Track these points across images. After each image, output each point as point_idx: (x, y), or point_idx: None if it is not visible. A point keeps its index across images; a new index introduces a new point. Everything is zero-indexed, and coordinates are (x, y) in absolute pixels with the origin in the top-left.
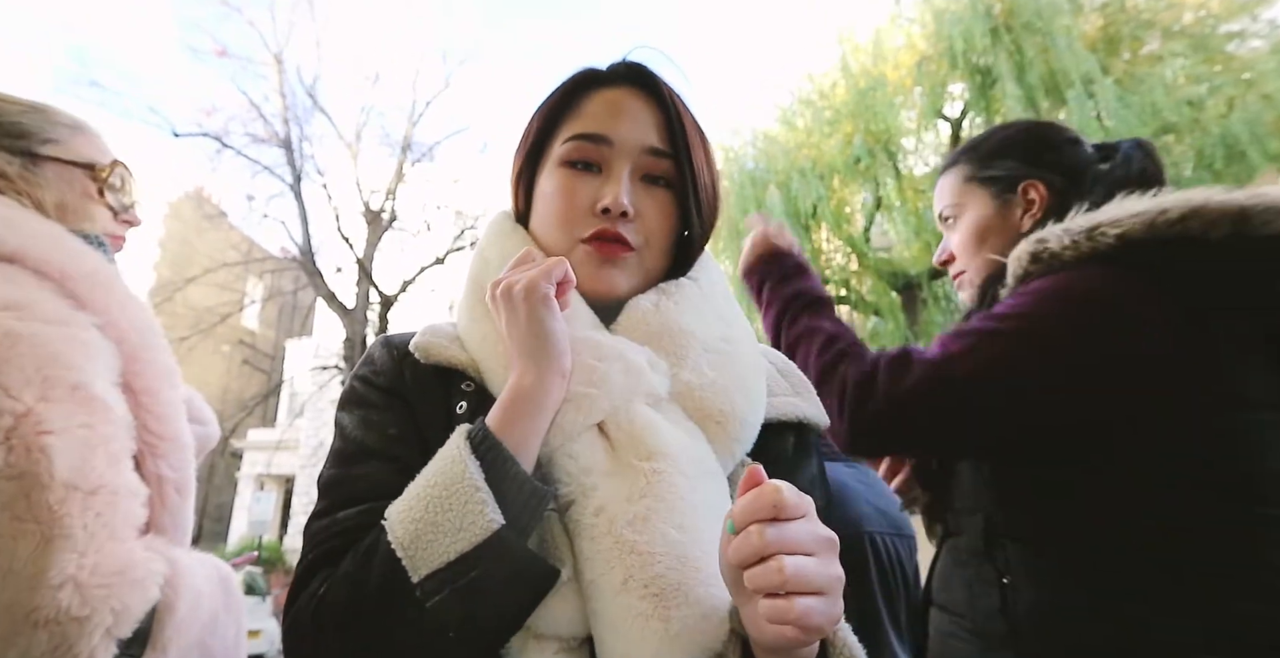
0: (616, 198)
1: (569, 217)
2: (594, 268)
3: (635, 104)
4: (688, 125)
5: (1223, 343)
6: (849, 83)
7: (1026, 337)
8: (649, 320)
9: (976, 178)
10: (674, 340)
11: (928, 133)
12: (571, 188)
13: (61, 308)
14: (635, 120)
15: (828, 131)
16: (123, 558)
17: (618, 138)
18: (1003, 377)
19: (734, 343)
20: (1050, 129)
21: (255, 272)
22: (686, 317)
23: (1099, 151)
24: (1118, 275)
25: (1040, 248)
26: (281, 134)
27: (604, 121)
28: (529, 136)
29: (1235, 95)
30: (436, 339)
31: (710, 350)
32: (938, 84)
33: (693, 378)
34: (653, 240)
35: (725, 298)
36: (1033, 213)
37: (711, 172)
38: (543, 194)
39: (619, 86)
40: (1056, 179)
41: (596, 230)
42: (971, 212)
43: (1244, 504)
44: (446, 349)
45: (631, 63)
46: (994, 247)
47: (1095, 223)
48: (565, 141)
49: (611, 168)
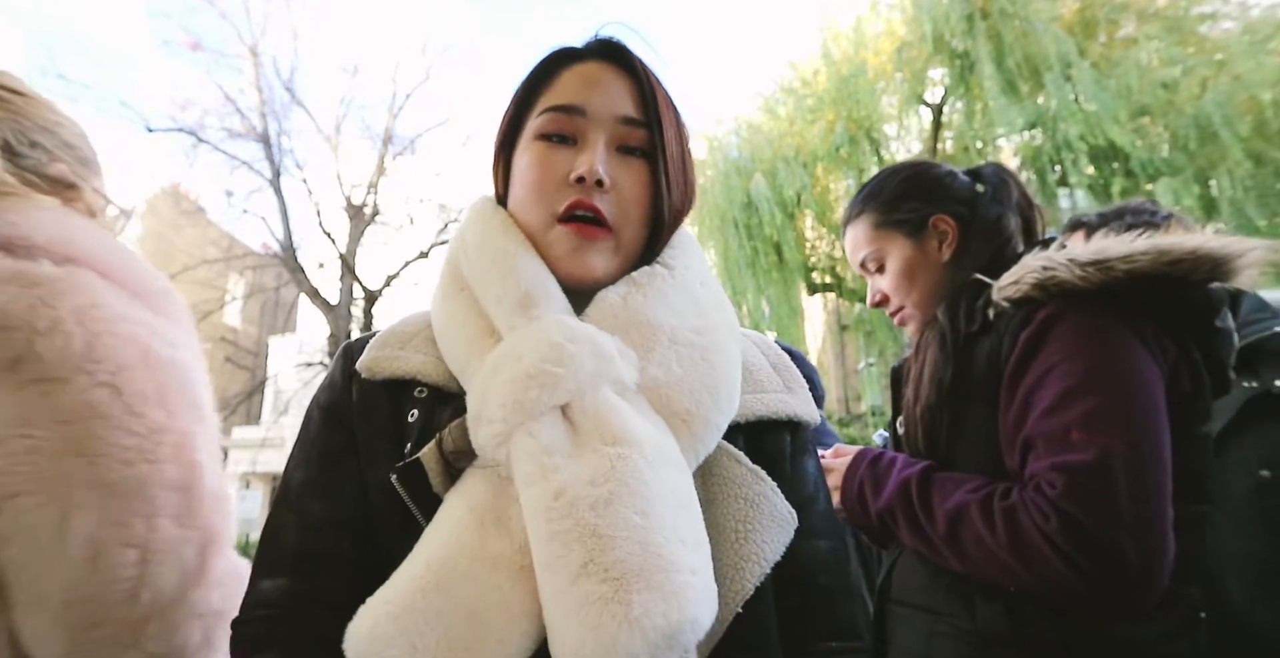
0: (591, 167)
1: (544, 188)
2: (571, 249)
3: (608, 76)
4: (659, 96)
5: (1187, 365)
6: (830, 70)
7: (1123, 407)
8: (617, 313)
9: (887, 223)
10: (641, 333)
11: (909, 119)
12: (547, 160)
13: (181, 334)
14: (609, 91)
15: (810, 119)
16: (234, 559)
17: (591, 108)
18: (1149, 450)
19: (708, 334)
20: (932, 168)
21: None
22: (656, 309)
23: (970, 178)
24: (1132, 314)
25: (1048, 277)
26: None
27: (578, 92)
28: (507, 116)
29: (1208, 76)
30: (384, 351)
31: (680, 343)
32: (918, 70)
33: (659, 373)
34: (630, 212)
35: (703, 284)
36: (949, 242)
37: (683, 143)
38: (519, 169)
39: (592, 61)
40: (957, 209)
41: (572, 202)
42: (894, 255)
43: (1191, 503)
44: (393, 361)
45: (604, 38)
46: (924, 281)
47: (1104, 257)
48: (539, 114)
49: (586, 138)
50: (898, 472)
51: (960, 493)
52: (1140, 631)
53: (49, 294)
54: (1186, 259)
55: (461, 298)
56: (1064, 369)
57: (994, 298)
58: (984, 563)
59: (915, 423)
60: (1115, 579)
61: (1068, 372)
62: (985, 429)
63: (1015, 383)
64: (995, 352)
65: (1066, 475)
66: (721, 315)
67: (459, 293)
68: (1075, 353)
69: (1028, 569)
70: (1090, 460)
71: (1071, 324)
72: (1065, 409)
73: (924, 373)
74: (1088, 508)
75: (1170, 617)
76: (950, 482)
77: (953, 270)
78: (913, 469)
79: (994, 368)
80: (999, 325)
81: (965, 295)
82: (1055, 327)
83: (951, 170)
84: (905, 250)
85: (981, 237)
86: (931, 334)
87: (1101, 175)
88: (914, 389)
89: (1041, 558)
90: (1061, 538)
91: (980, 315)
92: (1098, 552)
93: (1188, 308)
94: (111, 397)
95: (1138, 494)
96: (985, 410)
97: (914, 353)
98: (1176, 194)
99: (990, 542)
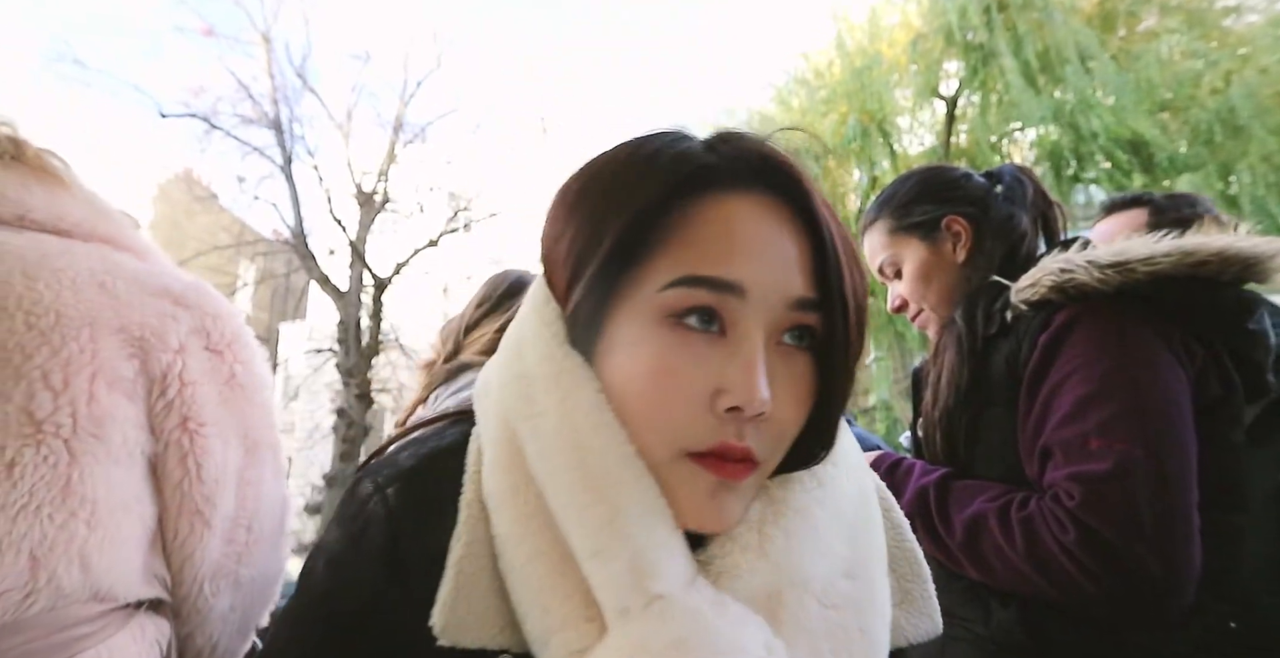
0: (753, 394)
1: (673, 411)
2: (705, 497)
3: (773, 228)
4: (844, 255)
5: (1217, 369)
6: (844, 61)
7: (1145, 412)
8: (756, 570)
9: (901, 228)
10: (786, 600)
11: (923, 112)
12: (680, 366)
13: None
14: (777, 258)
15: (823, 111)
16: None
17: (754, 285)
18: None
19: (861, 574)
20: (945, 170)
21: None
22: (804, 554)
23: (987, 179)
24: (1155, 316)
25: (1066, 279)
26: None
27: (736, 259)
28: (602, 235)
29: (1232, 70)
30: (468, 614)
31: (830, 604)
32: (933, 62)
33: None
34: (786, 435)
35: (855, 471)
36: (963, 243)
37: (862, 314)
38: (630, 354)
39: (747, 193)
40: (969, 210)
41: (719, 448)
42: (910, 259)
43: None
44: (481, 626)
45: (770, 155)
46: (940, 283)
47: (1125, 259)
48: (672, 285)
49: (739, 329)
50: (915, 479)
51: (978, 502)
52: (1165, 641)
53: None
54: (1213, 260)
55: (530, 501)
56: (1082, 375)
57: (1012, 300)
58: (1002, 573)
59: (934, 426)
60: (1137, 591)
61: (1086, 378)
62: (1004, 433)
63: (1034, 389)
64: (1014, 355)
65: (1084, 486)
66: (868, 510)
67: (527, 488)
68: (1094, 358)
69: (1046, 580)
70: (1109, 470)
71: (1090, 328)
72: (1083, 417)
73: (942, 376)
74: (1106, 519)
75: (1198, 627)
76: (968, 490)
77: (968, 272)
78: (930, 477)
79: (1012, 371)
80: (1017, 328)
81: (983, 298)
82: (1074, 331)
83: (967, 172)
84: (920, 253)
85: (993, 236)
86: (949, 337)
87: (1120, 170)
88: (932, 392)
89: (1060, 570)
90: (1080, 550)
91: (998, 318)
92: (1117, 564)
93: (1217, 310)
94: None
95: (1158, 503)
96: (1004, 414)
97: (932, 356)
98: (1198, 190)
99: (1008, 552)
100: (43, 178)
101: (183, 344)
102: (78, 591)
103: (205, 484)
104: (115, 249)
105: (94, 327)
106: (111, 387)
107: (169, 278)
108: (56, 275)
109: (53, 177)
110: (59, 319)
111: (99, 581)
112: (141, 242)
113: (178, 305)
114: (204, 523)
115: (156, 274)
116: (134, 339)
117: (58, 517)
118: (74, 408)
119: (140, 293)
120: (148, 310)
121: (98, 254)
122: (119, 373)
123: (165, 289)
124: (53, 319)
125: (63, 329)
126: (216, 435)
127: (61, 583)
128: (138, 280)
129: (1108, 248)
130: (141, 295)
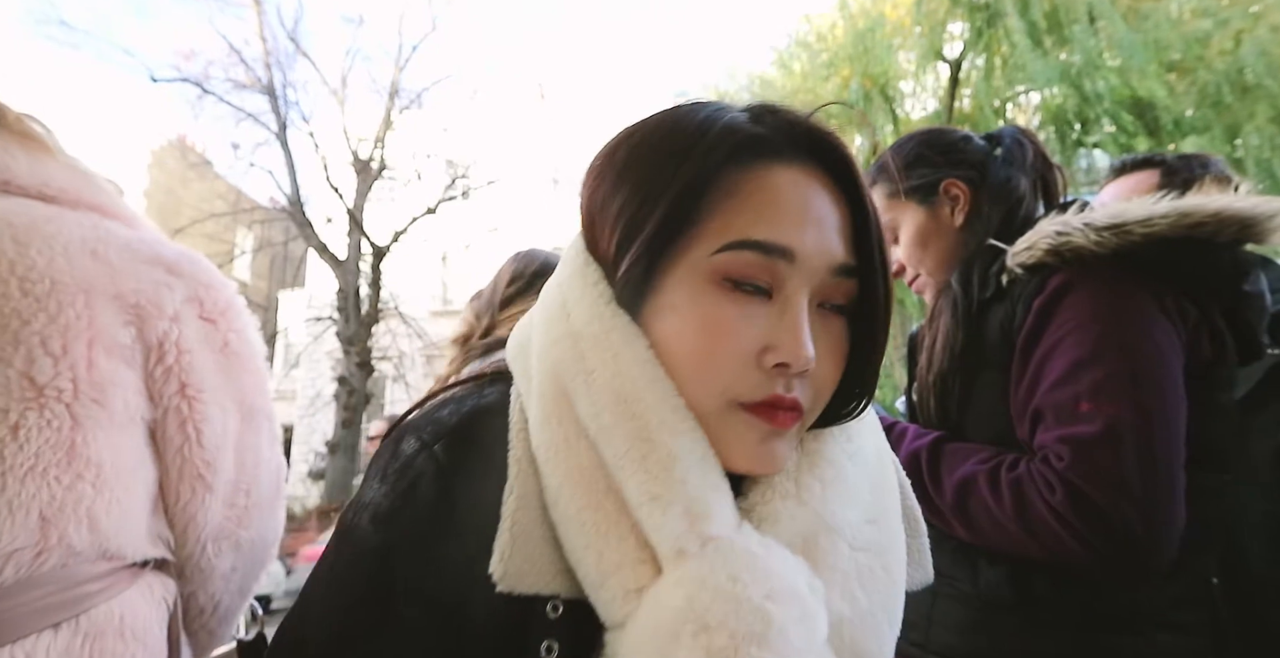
0: (800, 352)
1: (725, 365)
2: (757, 443)
3: (819, 196)
4: (877, 226)
5: (1209, 330)
6: (848, 23)
7: (1137, 379)
8: (795, 516)
9: (900, 192)
10: (822, 545)
11: (926, 75)
12: (733, 324)
13: None
14: (824, 224)
15: (825, 75)
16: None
17: (802, 250)
18: (1158, 421)
19: (883, 520)
20: (943, 132)
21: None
22: (837, 503)
23: (987, 142)
24: (1151, 278)
25: (1062, 242)
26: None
27: (787, 225)
28: (657, 200)
29: (1243, 29)
30: (525, 562)
31: (859, 547)
32: (937, 23)
33: (845, 608)
34: (824, 391)
35: (873, 429)
36: (960, 207)
37: (891, 284)
38: (681, 313)
39: (792, 162)
40: (968, 173)
41: (771, 399)
42: (908, 223)
43: (1209, 472)
44: (537, 573)
45: (817, 130)
46: (938, 247)
47: (1121, 221)
48: (725, 249)
49: (785, 292)
50: (908, 443)
51: (969, 464)
52: (1148, 597)
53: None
54: (1209, 221)
55: (582, 453)
56: (1075, 339)
57: (1008, 264)
58: (992, 533)
59: (928, 390)
60: (1122, 550)
61: (1079, 341)
62: (997, 396)
63: (1027, 352)
64: (1009, 319)
65: (1074, 448)
66: (886, 465)
67: (579, 440)
68: (1087, 322)
69: (1034, 540)
70: (1098, 432)
71: (1085, 292)
72: (1075, 380)
73: (937, 340)
74: (1094, 481)
75: (1179, 584)
76: (960, 452)
77: (966, 236)
78: (923, 440)
79: (1006, 335)
80: (1012, 292)
81: (979, 261)
82: (1069, 294)
83: (967, 135)
84: (918, 217)
85: (991, 199)
86: (945, 301)
87: (1125, 133)
88: (927, 357)
89: (1048, 530)
90: (1067, 510)
91: (994, 282)
92: (1104, 524)
93: (1213, 271)
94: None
95: (1146, 465)
96: (997, 378)
97: (928, 320)
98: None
99: (997, 513)
100: (25, 143)
101: (177, 312)
102: (87, 549)
103: (206, 450)
104: (104, 217)
105: (89, 294)
106: (110, 353)
107: (161, 246)
108: (48, 242)
109: (35, 142)
110: (54, 286)
111: (107, 540)
112: (129, 209)
113: (171, 274)
114: (206, 487)
115: (148, 242)
116: (129, 306)
117: (64, 479)
118: (74, 374)
119: (133, 261)
120: (142, 278)
121: (88, 222)
122: (116, 340)
123: (158, 257)
124: (48, 286)
125: (58, 296)
126: (214, 402)
127: (71, 542)
128: (130, 248)
129: (1105, 210)
130: (134, 263)
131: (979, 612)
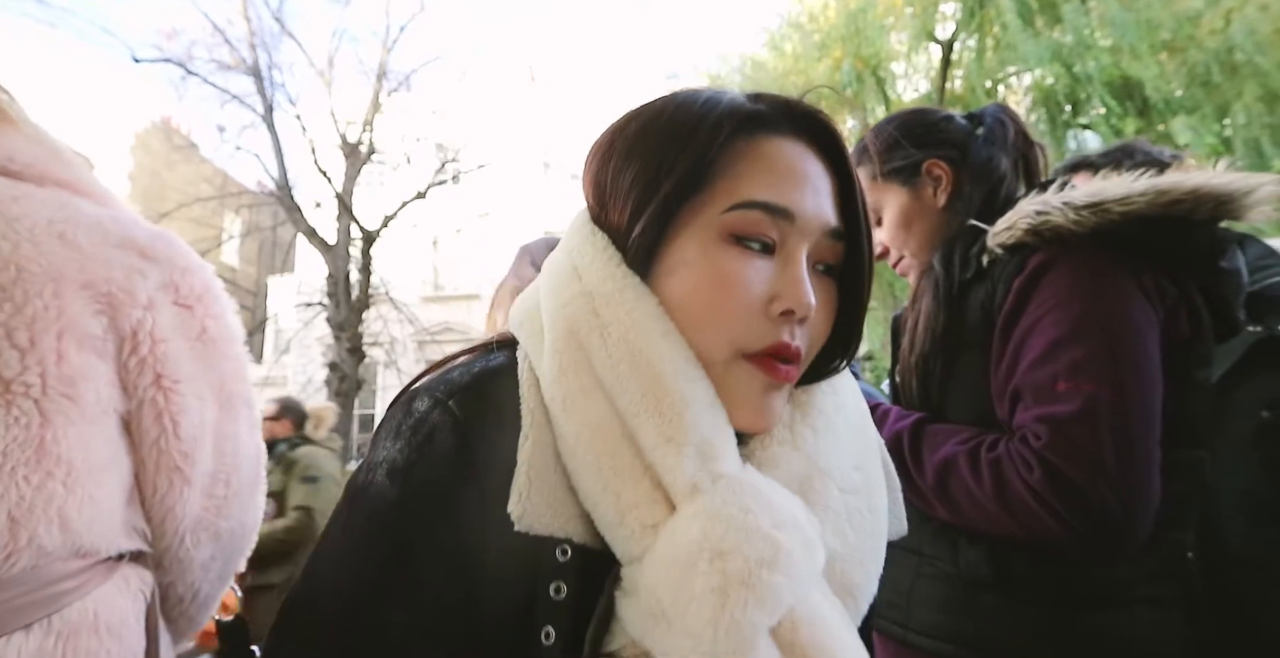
0: (803, 299)
1: (734, 314)
2: (757, 395)
3: (813, 165)
4: (861, 195)
5: (1186, 307)
6: (840, 3)
7: (1115, 359)
8: (791, 462)
9: (881, 174)
10: (815, 487)
11: (918, 56)
12: (743, 276)
13: None
14: (819, 191)
15: (816, 56)
16: None
17: (801, 211)
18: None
19: (866, 464)
20: (924, 112)
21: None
22: (828, 449)
23: (969, 121)
24: (1129, 257)
25: (1041, 222)
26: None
27: (788, 188)
28: (670, 168)
29: (1233, 8)
30: (541, 503)
31: (848, 489)
32: (929, 3)
33: (837, 543)
34: (814, 347)
35: (853, 388)
36: (943, 187)
37: (872, 252)
38: (692, 268)
39: (788, 136)
40: (949, 153)
41: (777, 346)
42: (891, 205)
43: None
44: (553, 515)
45: (808, 109)
46: (921, 228)
47: (1100, 199)
48: (733, 208)
49: (787, 250)
50: (890, 424)
51: (949, 445)
52: (1124, 573)
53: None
54: (1187, 199)
55: (599, 401)
56: (1054, 318)
57: (988, 244)
58: (972, 513)
59: (910, 372)
60: (1098, 528)
61: (1057, 320)
62: (978, 377)
63: (1007, 332)
64: (989, 299)
65: (1051, 427)
66: (866, 420)
67: (594, 390)
68: (1066, 301)
69: (1013, 519)
70: (1075, 411)
71: (1064, 271)
72: (1053, 359)
73: (919, 322)
74: (1071, 459)
75: (1155, 559)
76: (940, 433)
77: (948, 216)
78: (905, 421)
79: (987, 315)
80: (993, 272)
81: (960, 242)
82: (1048, 273)
83: (949, 114)
84: (901, 199)
85: (973, 179)
86: (927, 283)
87: (1115, 114)
88: (909, 338)
89: (1026, 508)
90: (1045, 489)
91: (975, 262)
92: (1080, 502)
93: (1190, 249)
94: None
95: (1122, 443)
96: (978, 358)
97: (911, 302)
98: (1195, 132)
99: (977, 492)
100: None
101: (151, 300)
102: (58, 549)
103: (183, 441)
104: (74, 194)
105: (58, 282)
106: (81, 345)
107: (134, 227)
108: (13, 225)
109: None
110: (20, 274)
111: (79, 538)
112: (100, 185)
113: (144, 259)
114: (183, 479)
115: (120, 223)
116: (101, 295)
117: (33, 478)
118: (43, 368)
119: (104, 245)
120: (114, 265)
121: (55, 200)
122: (87, 330)
123: (130, 240)
124: (13, 273)
125: (25, 285)
126: (191, 392)
127: (42, 542)
128: (101, 229)
129: (1084, 189)
130: (105, 247)
131: (959, 591)
